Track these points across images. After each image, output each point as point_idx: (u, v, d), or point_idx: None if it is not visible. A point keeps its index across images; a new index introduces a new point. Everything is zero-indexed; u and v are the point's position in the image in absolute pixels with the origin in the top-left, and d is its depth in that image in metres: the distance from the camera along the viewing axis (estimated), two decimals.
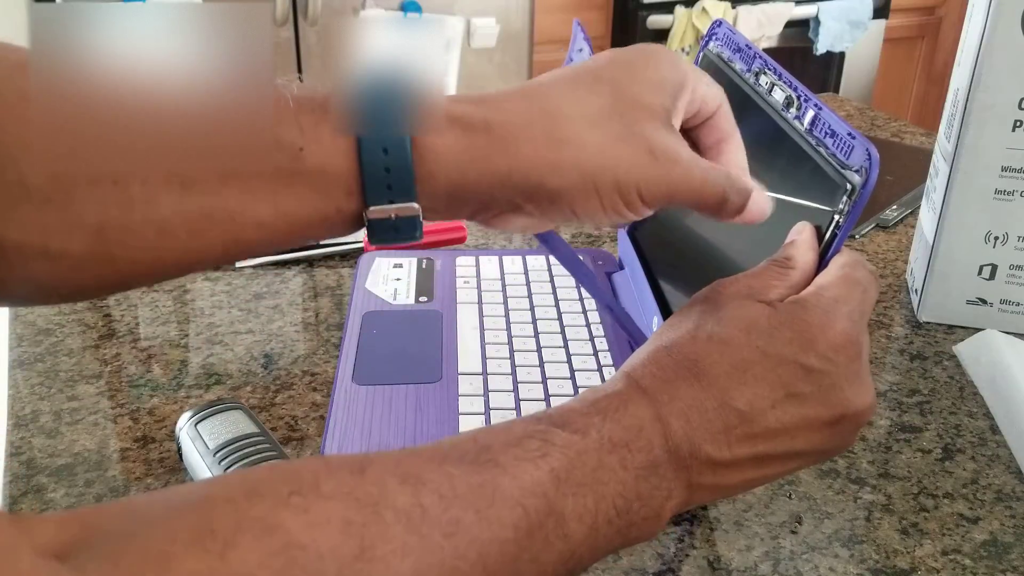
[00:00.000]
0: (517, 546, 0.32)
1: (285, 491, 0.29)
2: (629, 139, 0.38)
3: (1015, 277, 0.67)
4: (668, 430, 0.36)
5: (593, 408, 0.36)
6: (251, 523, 0.28)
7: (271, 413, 0.58)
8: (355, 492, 0.30)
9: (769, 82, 0.48)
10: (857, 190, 0.40)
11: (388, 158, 0.36)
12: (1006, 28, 0.60)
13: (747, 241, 0.49)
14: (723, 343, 0.38)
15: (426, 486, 0.31)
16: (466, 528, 0.31)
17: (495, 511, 0.32)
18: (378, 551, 0.29)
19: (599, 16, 2.15)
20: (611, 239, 0.81)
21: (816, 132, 0.44)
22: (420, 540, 0.30)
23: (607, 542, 0.35)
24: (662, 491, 0.36)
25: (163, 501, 0.29)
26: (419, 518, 0.30)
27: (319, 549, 0.28)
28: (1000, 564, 0.48)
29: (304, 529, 0.28)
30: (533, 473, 0.33)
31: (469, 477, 0.32)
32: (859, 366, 0.38)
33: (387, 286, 0.69)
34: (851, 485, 0.53)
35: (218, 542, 0.27)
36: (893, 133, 1.09)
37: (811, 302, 0.39)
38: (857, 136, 0.40)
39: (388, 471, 0.31)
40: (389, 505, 0.30)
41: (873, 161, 0.39)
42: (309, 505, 0.29)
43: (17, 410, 0.58)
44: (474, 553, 0.31)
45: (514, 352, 0.61)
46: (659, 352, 0.38)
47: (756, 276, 0.40)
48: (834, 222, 0.41)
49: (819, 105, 0.44)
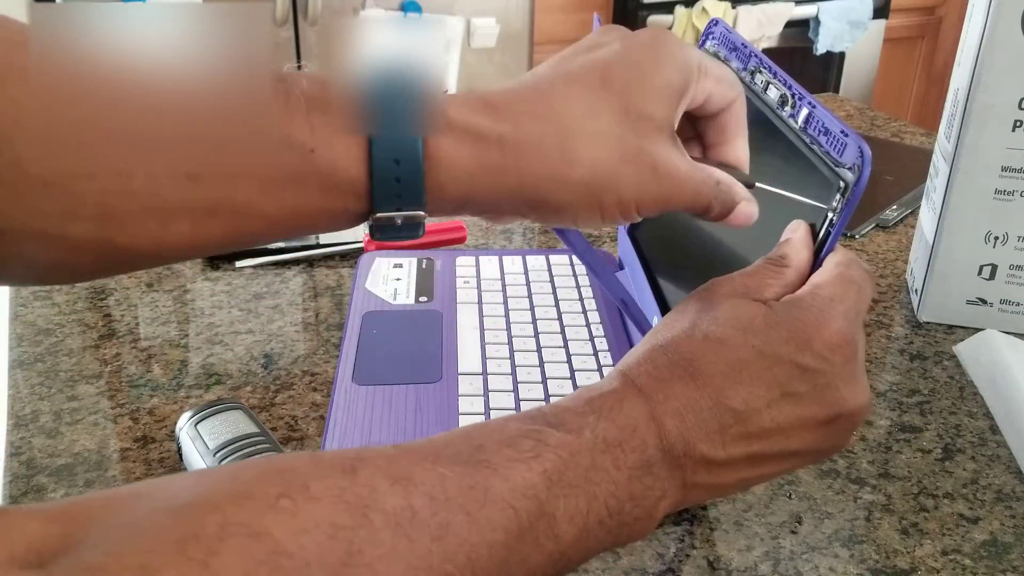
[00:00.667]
0: (507, 548, 0.32)
1: (273, 493, 0.29)
2: (636, 157, 0.39)
3: (1015, 277, 0.67)
4: (663, 429, 0.36)
5: (588, 407, 0.36)
6: (236, 529, 0.27)
7: (271, 413, 0.58)
8: (345, 495, 0.30)
9: (764, 80, 0.48)
10: (850, 187, 0.40)
11: (399, 168, 0.36)
12: (1006, 28, 0.60)
13: (746, 239, 0.49)
14: (719, 342, 0.38)
15: (417, 487, 0.31)
16: (456, 531, 0.31)
17: (486, 513, 0.32)
18: (366, 556, 0.29)
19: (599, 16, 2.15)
20: (611, 239, 0.81)
21: (810, 130, 0.44)
22: (409, 544, 0.30)
23: (598, 543, 0.35)
24: (655, 491, 0.36)
25: (150, 499, 0.28)
26: (408, 521, 0.30)
27: (306, 556, 0.27)
28: (1000, 564, 0.48)
29: (291, 535, 0.28)
30: (525, 475, 0.33)
31: (461, 479, 0.32)
32: (855, 365, 0.38)
33: (387, 286, 0.69)
34: (851, 485, 0.53)
35: (201, 549, 0.26)
36: (893, 133, 1.09)
37: (807, 301, 0.39)
38: (850, 133, 0.40)
39: (379, 471, 0.31)
40: (379, 508, 0.30)
41: (865, 159, 0.39)
42: (297, 508, 0.28)
43: (17, 410, 0.58)
44: (463, 556, 0.31)
45: (514, 352, 0.61)
46: (655, 351, 0.38)
47: (751, 275, 0.41)
48: (828, 220, 0.41)
49: (813, 103, 0.44)
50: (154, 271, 0.74)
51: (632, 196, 0.39)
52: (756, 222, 0.44)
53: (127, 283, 0.73)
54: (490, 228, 0.84)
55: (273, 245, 0.77)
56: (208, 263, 0.76)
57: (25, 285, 0.69)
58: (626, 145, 0.39)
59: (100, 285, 0.72)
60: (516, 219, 0.41)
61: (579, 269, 0.72)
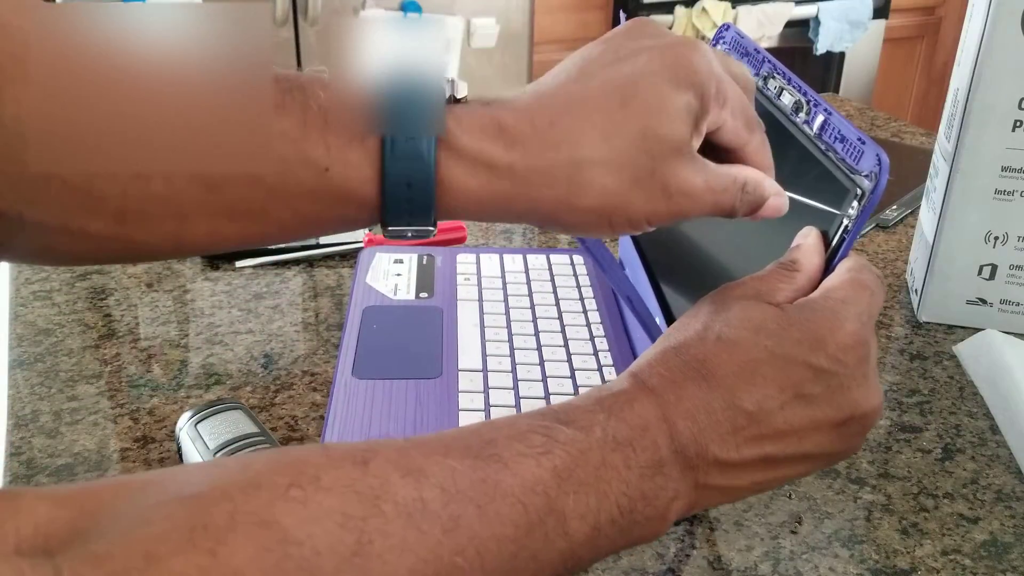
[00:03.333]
0: (516, 543, 0.32)
1: (284, 483, 0.29)
2: (647, 181, 0.39)
3: (1015, 277, 0.67)
4: (674, 430, 0.36)
5: (598, 406, 0.36)
6: (245, 518, 0.27)
7: (271, 413, 0.58)
8: (356, 485, 0.30)
9: (778, 86, 0.48)
10: (867, 195, 0.40)
11: (411, 191, 0.37)
12: (1006, 28, 0.60)
13: (751, 242, 0.49)
14: (732, 344, 0.38)
15: (428, 479, 0.31)
16: (466, 524, 0.31)
17: (495, 507, 0.32)
18: (376, 547, 0.29)
19: (599, 16, 2.15)
20: (611, 239, 0.81)
21: (826, 137, 0.43)
22: (419, 535, 0.30)
23: (609, 542, 0.35)
24: (668, 491, 0.36)
25: (160, 487, 0.28)
26: (420, 513, 0.30)
27: (316, 545, 0.28)
28: (1000, 564, 0.48)
29: (301, 524, 0.28)
30: (535, 470, 0.33)
31: (472, 472, 0.32)
32: (867, 368, 0.38)
33: (387, 281, 0.69)
34: (851, 485, 0.53)
35: (210, 538, 0.26)
36: (893, 133, 1.09)
37: (820, 303, 0.39)
38: (867, 141, 0.40)
39: (391, 463, 0.31)
40: (390, 499, 0.30)
41: (883, 166, 0.39)
42: (308, 498, 0.29)
43: (17, 410, 0.58)
44: (473, 549, 0.31)
45: (514, 350, 0.61)
46: (667, 353, 0.38)
47: (762, 279, 0.41)
48: (843, 226, 0.41)
49: (829, 110, 0.44)
50: (154, 271, 0.74)
51: (643, 215, 0.40)
52: (765, 226, 0.44)
53: (127, 283, 0.73)
54: (490, 228, 0.84)
55: (272, 245, 0.77)
56: (208, 263, 0.76)
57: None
58: (639, 170, 0.39)
59: (100, 285, 0.72)
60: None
61: (579, 269, 0.72)
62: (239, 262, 0.75)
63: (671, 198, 0.39)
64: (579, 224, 0.40)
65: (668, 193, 0.39)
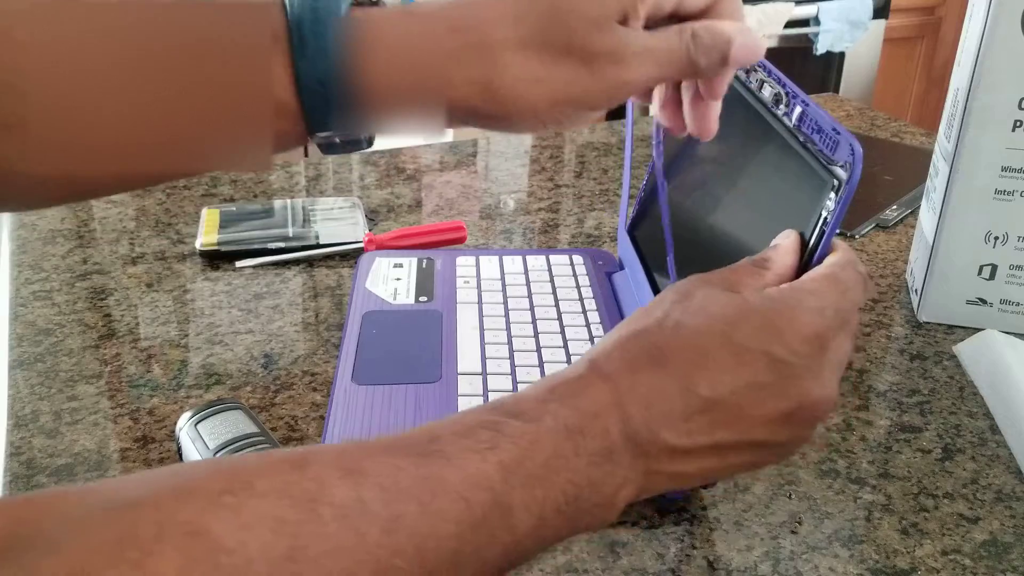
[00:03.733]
0: (459, 540, 0.31)
1: (216, 490, 0.28)
2: (564, 57, 0.39)
3: (1015, 277, 0.67)
4: (626, 416, 0.36)
5: (551, 394, 0.36)
6: (175, 528, 0.26)
7: (271, 413, 0.58)
8: (291, 489, 0.29)
9: (759, 79, 0.48)
10: (843, 185, 0.40)
11: (326, 90, 0.37)
12: (1006, 28, 0.60)
13: (747, 240, 0.49)
14: (689, 330, 0.37)
15: (368, 479, 0.30)
16: (407, 523, 0.30)
17: (437, 504, 0.31)
18: (311, 551, 0.28)
19: None
20: (611, 239, 0.82)
21: (804, 128, 0.44)
22: (356, 537, 0.29)
23: (554, 531, 0.34)
24: (616, 478, 0.35)
25: (98, 496, 0.28)
26: (358, 514, 0.29)
27: (248, 553, 0.27)
28: (1000, 564, 0.48)
29: (233, 531, 0.27)
30: (480, 465, 0.32)
31: (415, 469, 0.31)
32: (822, 361, 0.38)
33: (387, 286, 0.69)
34: (851, 485, 0.53)
35: (138, 550, 0.25)
36: (893, 133, 1.09)
37: (784, 294, 0.39)
38: (842, 131, 0.40)
39: (330, 464, 0.31)
40: (327, 501, 0.29)
41: (856, 155, 0.39)
42: (241, 504, 0.28)
43: (17, 410, 0.58)
44: (412, 548, 0.30)
45: (514, 352, 0.61)
46: (625, 339, 0.38)
47: (731, 271, 0.41)
48: (822, 218, 0.41)
49: (806, 101, 0.44)
50: (154, 271, 0.74)
51: (569, 98, 0.39)
52: (759, 226, 0.43)
53: (127, 283, 0.73)
54: (490, 229, 0.84)
55: (273, 245, 0.77)
56: (208, 263, 0.76)
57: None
58: (553, 46, 0.39)
59: (100, 285, 0.72)
60: (463, 125, 0.42)
61: (579, 270, 0.72)
62: (239, 262, 0.75)
63: (597, 70, 0.39)
64: (505, 113, 0.39)
65: (591, 66, 0.39)
